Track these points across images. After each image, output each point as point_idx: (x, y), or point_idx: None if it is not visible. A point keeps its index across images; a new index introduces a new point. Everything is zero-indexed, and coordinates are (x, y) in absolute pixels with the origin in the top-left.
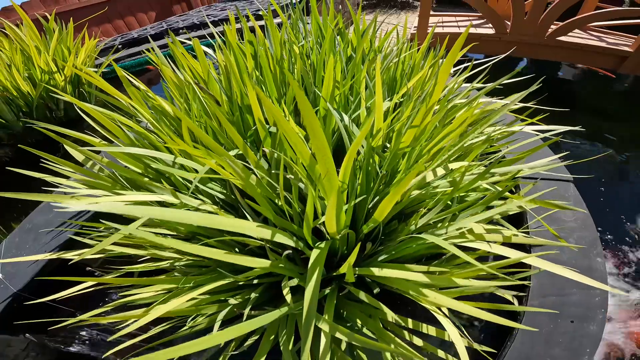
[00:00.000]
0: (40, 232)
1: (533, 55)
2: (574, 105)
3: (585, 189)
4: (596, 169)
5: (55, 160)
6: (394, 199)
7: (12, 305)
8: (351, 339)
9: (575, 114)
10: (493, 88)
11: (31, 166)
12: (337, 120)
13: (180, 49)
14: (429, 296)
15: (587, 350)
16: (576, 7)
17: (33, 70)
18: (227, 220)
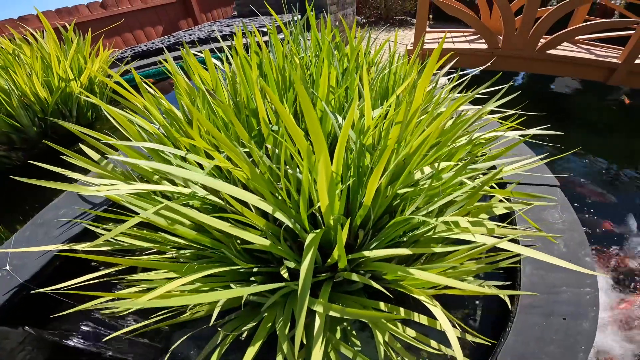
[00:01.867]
0: (50, 227)
1: (525, 69)
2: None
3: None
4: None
5: (75, 157)
6: (378, 174)
7: (17, 297)
8: (343, 314)
9: (570, 124)
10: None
11: (42, 169)
12: (332, 121)
13: (193, 60)
14: (415, 274)
15: (582, 347)
16: (567, 21)
17: (51, 77)
18: (235, 188)
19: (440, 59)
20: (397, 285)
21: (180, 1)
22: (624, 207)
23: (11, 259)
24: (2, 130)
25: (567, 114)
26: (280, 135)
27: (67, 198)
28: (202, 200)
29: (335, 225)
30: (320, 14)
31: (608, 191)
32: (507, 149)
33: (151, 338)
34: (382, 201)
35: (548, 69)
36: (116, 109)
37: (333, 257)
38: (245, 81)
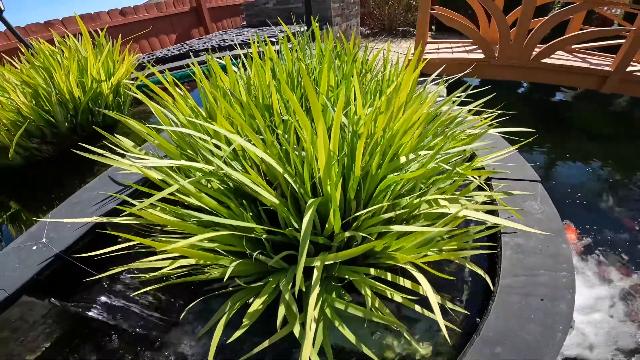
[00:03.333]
0: (85, 205)
1: (521, 78)
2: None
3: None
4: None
5: (117, 142)
6: (361, 146)
7: (50, 268)
8: (336, 259)
9: (569, 131)
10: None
11: (70, 162)
12: (330, 111)
13: (215, 65)
14: (394, 228)
15: (559, 327)
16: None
17: (85, 78)
18: (253, 148)
19: (439, 68)
20: (386, 256)
21: (192, 11)
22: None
23: (47, 232)
24: (38, 124)
25: (565, 121)
26: (289, 124)
27: (101, 181)
28: (221, 178)
29: (332, 193)
30: (325, 25)
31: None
32: (478, 136)
33: (162, 313)
34: (371, 179)
35: (543, 77)
36: (155, 104)
37: (330, 222)
38: (260, 82)
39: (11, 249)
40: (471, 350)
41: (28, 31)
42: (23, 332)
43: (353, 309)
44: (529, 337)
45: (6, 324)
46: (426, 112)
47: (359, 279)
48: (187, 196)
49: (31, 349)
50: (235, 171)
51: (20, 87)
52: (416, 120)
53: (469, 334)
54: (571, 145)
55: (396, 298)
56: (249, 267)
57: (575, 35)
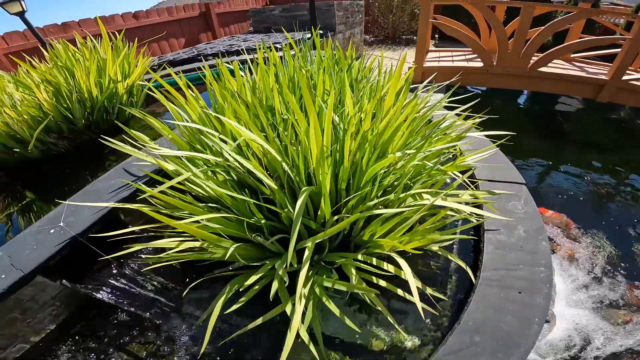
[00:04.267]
0: (101, 193)
1: (519, 86)
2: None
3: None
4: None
5: (135, 136)
6: (348, 138)
7: (65, 250)
8: (324, 236)
9: (565, 141)
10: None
11: (84, 157)
12: (323, 110)
13: (224, 69)
14: (376, 212)
15: (535, 319)
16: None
17: (103, 78)
18: (258, 139)
19: (439, 76)
20: (374, 244)
21: (201, 15)
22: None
23: (65, 217)
24: (57, 120)
25: (563, 131)
26: (289, 122)
27: (116, 172)
28: (227, 170)
29: (323, 181)
30: (329, 33)
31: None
32: (460, 137)
33: (168, 299)
34: (360, 174)
35: (540, 86)
36: (170, 103)
37: (322, 209)
38: (264, 86)
39: (29, 232)
40: (452, 337)
41: (46, 32)
42: (32, 313)
43: (339, 284)
44: (507, 327)
45: (18, 303)
46: (410, 113)
47: (346, 261)
48: (196, 186)
49: (36, 330)
50: (242, 161)
51: (43, 85)
52: (402, 121)
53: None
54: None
55: (381, 283)
56: (248, 251)
57: (569, 45)
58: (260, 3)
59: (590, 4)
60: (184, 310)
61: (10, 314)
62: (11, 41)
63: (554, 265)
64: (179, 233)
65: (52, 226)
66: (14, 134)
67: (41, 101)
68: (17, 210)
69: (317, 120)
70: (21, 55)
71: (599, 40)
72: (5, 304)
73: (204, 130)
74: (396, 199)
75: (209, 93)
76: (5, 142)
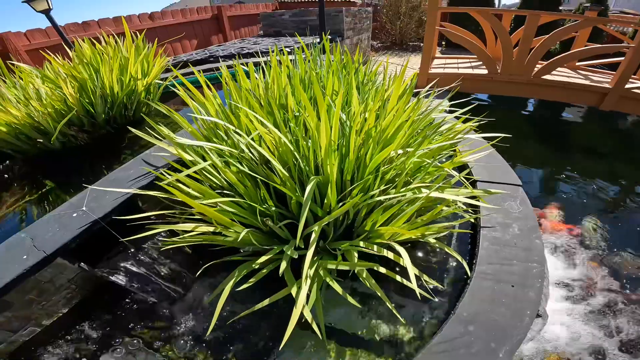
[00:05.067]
0: (121, 182)
1: (523, 93)
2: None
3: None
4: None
5: (158, 128)
6: (353, 132)
7: (86, 233)
8: (330, 218)
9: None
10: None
11: (101, 150)
12: (332, 107)
13: (240, 70)
14: (379, 198)
15: (527, 312)
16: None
17: (124, 76)
18: (269, 125)
19: (444, 83)
20: (375, 234)
21: (213, 18)
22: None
23: (88, 202)
24: (79, 114)
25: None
26: (300, 119)
27: (135, 163)
28: (241, 161)
29: (330, 171)
30: (337, 38)
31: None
32: (456, 131)
33: (179, 284)
34: (364, 168)
35: (543, 93)
36: (191, 99)
37: (328, 197)
38: (277, 85)
39: (52, 215)
40: (447, 326)
41: (67, 30)
42: (48, 295)
43: (342, 265)
44: (499, 319)
45: (36, 285)
46: (411, 113)
47: (348, 247)
48: (211, 176)
49: (50, 313)
50: (257, 147)
51: (69, 80)
52: (404, 121)
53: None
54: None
55: (381, 269)
56: (258, 237)
57: (571, 53)
58: (270, 7)
59: (596, 12)
60: (193, 296)
61: (27, 295)
62: (33, 38)
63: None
64: (193, 220)
65: (75, 210)
66: (37, 125)
67: (67, 95)
68: (38, 197)
69: (327, 116)
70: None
71: (600, 48)
72: (25, 284)
73: (220, 123)
74: (397, 193)
75: (224, 92)
76: (29, 134)
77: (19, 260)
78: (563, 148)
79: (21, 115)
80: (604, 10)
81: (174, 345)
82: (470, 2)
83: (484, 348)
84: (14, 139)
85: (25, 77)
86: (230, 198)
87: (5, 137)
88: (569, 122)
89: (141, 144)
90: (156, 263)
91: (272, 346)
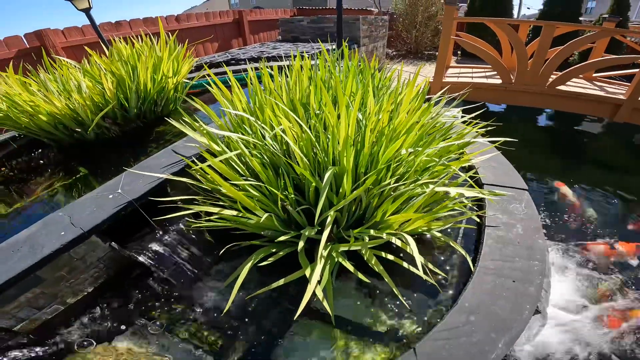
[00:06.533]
0: (153, 169)
1: (536, 104)
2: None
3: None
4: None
5: (191, 121)
6: (368, 129)
7: (121, 213)
8: (344, 202)
9: (585, 160)
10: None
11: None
12: (350, 106)
13: (265, 72)
14: (392, 185)
15: (527, 306)
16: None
17: (157, 73)
18: (294, 116)
19: (456, 91)
20: (385, 224)
21: (234, 22)
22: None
23: (123, 185)
24: (115, 107)
25: (580, 150)
26: (321, 116)
27: (165, 153)
28: (265, 152)
29: (347, 164)
30: (353, 45)
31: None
32: (462, 133)
33: (199, 267)
34: (376, 163)
35: (558, 104)
36: (221, 96)
37: (343, 187)
38: (300, 86)
39: (89, 197)
40: (449, 316)
41: (101, 29)
42: (77, 272)
43: (354, 245)
44: (500, 311)
45: (69, 261)
46: (421, 116)
47: (360, 233)
48: (236, 165)
49: (75, 292)
50: (283, 135)
51: (108, 75)
52: (415, 122)
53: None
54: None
55: (389, 257)
56: (277, 223)
57: (585, 65)
58: (289, 13)
59: (614, 23)
60: (212, 278)
61: (59, 272)
62: (70, 36)
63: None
64: (218, 205)
65: (111, 192)
66: (76, 116)
67: (105, 90)
68: (72, 181)
69: (346, 113)
70: (77, 49)
71: (614, 59)
72: (59, 260)
73: (245, 117)
74: (407, 188)
75: (248, 91)
76: (68, 124)
77: (56, 236)
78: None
79: (62, 106)
80: (624, 21)
81: (190, 326)
82: (489, 13)
83: (484, 338)
84: (52, 128)
85: (65, 71)
86: (255, 182)
87: (45, 127)
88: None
89: (166, 139)
90: (180, 246)
91: (283, 331)
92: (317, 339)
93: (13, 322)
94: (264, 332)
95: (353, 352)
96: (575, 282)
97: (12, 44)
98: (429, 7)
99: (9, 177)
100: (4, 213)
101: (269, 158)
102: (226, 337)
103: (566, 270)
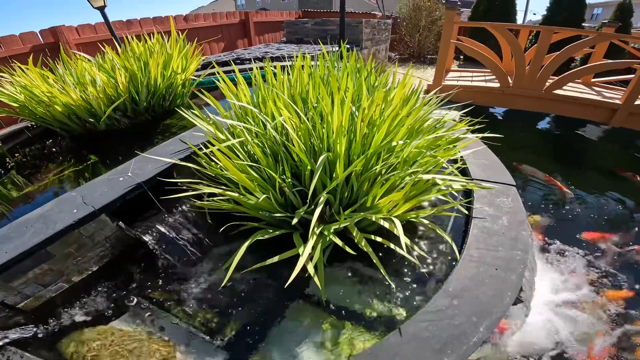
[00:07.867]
0: (161, 155)
1: (534, 107)
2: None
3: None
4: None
5: (198, 112)
6: (360, 119)
7: (130, 194)
8: (336, 184)
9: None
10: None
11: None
12: (345, 101)
13: (269, 70)
14: (378, 170)
15: (508, 293)
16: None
17: (167, 70)
18: (294, 107)
19: (458, 95)
20: (375, 209)
21: (240, 23)
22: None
23: (133, 169)
24: (126, 100)
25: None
26: (318, 109)
27: (173, 142)
28: (264, 140)
29: (340, 150)
30: (355, 48)
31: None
32: (455, 128)
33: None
34: (369, 152)
35: (554, 108)
36: (228, 90)
37: (336, 172)
38: (300, 82)
39: (101, 179)
40: (433, 299)
41: (113, 27)
42: (85, 250)
43: (344, 222)
44: (482, 296)
45: (78, 238)
46: (411, 111)
47: (351, 213)
48: (239, 152)
49: (80, 270)
50: (283, 123)
51: (122, 70)
52: (405, 115)
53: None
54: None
55: (377, 239)
56: (274, 205)
57: (580, 69)
58: (293, 15)
59: (614, 28)
60: (211, 259)
61: (68, 248)
62: (83, 33)
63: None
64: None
65: (121, 175)
66: (89, 108)
67: (119, 83)
68: (83, 167)
69: (340, 105)
70: (90, 46)
71: (610, 64)
72: (70, 236)
73: (248, 108)
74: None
75: (253, 89)
76: (82, 115)
77: (69, 213)
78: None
79: (77, 98)
80: (626, 26)
81: (187, 305)
82: (492, 18)
83: (466, 320)
84: (66, 119)
85: (80, 65)
86: (256, 165)
87: (59, 117)
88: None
89: (172, 131)
90: (183, 228)
91: (278, 313)
92: (311, 323)
93: (19, 298)
94: (258, 313)
95: (343, 333)
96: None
97: (27, 39)
98: (432, 11)
99: (23, 163)
100: (18, 195)
101: (269, 147)
102: (222, 317)
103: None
